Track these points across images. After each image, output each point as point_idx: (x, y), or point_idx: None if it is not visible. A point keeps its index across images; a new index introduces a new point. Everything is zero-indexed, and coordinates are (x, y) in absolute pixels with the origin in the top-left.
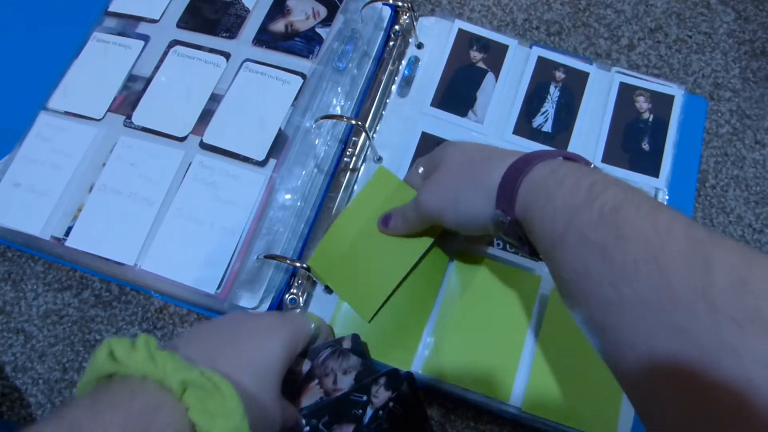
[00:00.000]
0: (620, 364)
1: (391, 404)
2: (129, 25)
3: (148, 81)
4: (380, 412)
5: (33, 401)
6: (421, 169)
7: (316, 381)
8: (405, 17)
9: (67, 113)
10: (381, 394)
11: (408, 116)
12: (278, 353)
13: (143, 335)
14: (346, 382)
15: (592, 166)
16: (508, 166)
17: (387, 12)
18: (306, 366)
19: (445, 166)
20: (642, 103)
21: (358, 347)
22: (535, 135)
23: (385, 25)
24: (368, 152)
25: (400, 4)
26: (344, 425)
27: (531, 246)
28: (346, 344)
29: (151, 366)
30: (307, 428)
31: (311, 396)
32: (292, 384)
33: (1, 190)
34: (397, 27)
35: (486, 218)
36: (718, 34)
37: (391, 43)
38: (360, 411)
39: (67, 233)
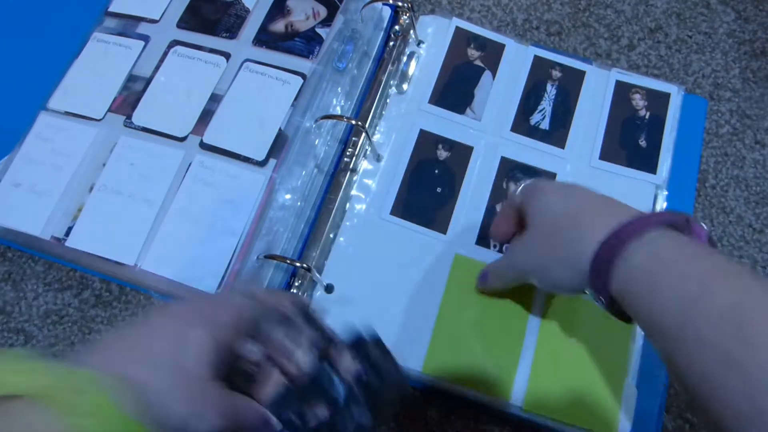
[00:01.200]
0: None
1: (364, 377)
2: (129, 25)
3: (149, 81)
4: (354, 387)
5: None
6: (509, 215)
7: (273, 366)
8: (405, 17)
9: (67, 113)
10: (350, 366)
11: (406, 113)
12: (201, 340)
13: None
14: (309, 360)
15: (701, 227)
16: (599, 241)
17: (387, 12)
18: (257, 350)
19: (533, 228)
20: (638, 101)
21: (308, 316)
22: (533, 132)
23: (385, 25)
24: (368, 152)
25: (400, 4)
26: (318, 409)
27: (629, 317)
28: (298, 319)
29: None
30: (280, 427)
31: (274, 385)
32: (247, 376)
33: (1, 190)
34: (397, 27)
35: (577, 290)
36: (718, 34)
37: (391, 43)
38: (333, 390)
39: (68, 233)
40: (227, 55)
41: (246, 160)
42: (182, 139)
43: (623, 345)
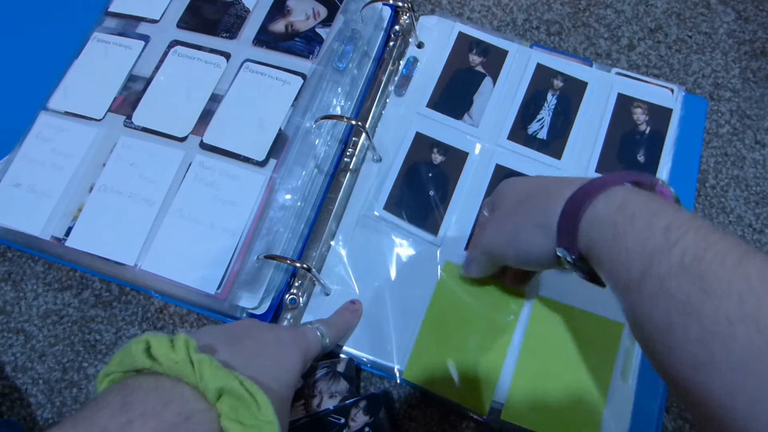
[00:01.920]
0: (713, 421)
1: (367, 429)
2: (129, 25)
3: (149, 81)
4: None
5: (33, 401)
6: (485, 212)
7: (302, 401)
8: (405, 17)
9: (67, 113)
10: (359, 418)
11: (403, 115)
12: (297, 367)
13: (182, 335)
14: (329, 406)
15: (668, 188)
16: (566, 198)
17: (387, 12)
18: (301, 382)
19: (502, 205)
20: (639, 115)
21: (350, 372)
22: (530, 141)
23: (385, 25)
24: (368, 152)
25: (400, 4)
26: None
27: (598, 278)
28: (341, 368)
29: (188, 368)
30: None
31: (293, 414)
32: None
33: (1, 190)
34: (397, 27)
35: (549, 255)
36: (718, 34)
37: (391, 43)
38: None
39: (68, 233)
40: (227, 55)
41: (246, 160)
42: (182, 140)
43: (610, 353)
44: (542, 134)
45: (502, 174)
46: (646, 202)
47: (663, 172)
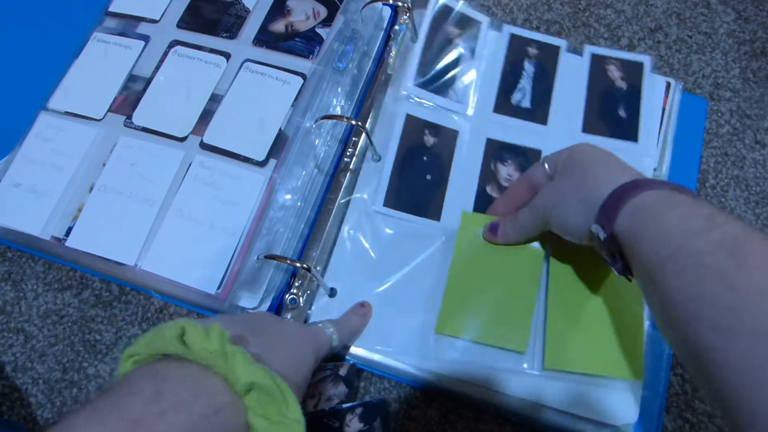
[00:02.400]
0: (725, 384)
1: None
2: (129, 25)
3: (149, 81)
4: None
5: (33, 401)
6: (546, 166)
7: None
8: (405, 17)
9: (67, 113)
10: (353, 425)
11: (392, 99)
12: (311, 365)
13: (216, 325)
14: (325, 407)
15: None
16: (619, 184)
17: (387, 12)
18: None
19: (562, 174)
20: (614, 72)
21: (351, 377)
22: (516, 112)
23: (385, 25)
24: (368, 152)
25: (400, 4)
26: None
27: (624, 264)
28: (342, 371)
29: (221, 359)
30: None
31: None
32: None
33: (1, 190)
34: (397, 27)
35: (584, 229)
36: (718, 34)
37: (391, 43)
38: None
39: (68, 233)
40: (227, 55)
41: (246, 160)
42: (182, 140)
43: (639, 297)
44: (525, 103)
45: (493, 147)
46: (690, 199)
47: (644, 127)
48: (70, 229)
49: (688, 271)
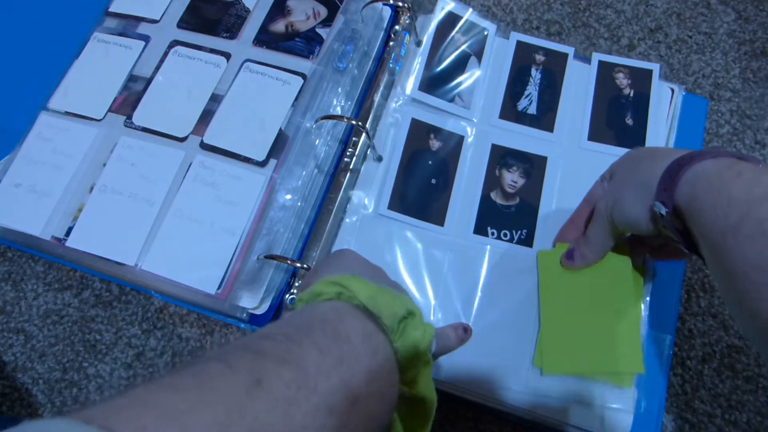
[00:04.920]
0: None
1: None
2: (129, 25)
3: (149, 81)
4: None
5: (33, 401)
6: (604, 182)
7: None
8: (405, 17)
9: (67, 113)
10: None
11: (398, 103)
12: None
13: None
14: None
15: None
16: (674, 159)
17: (387, 12)
18: None
19: (618, 172)
20: (622, 80)
21: None
22: (522, 118)
23: (385, 25)
24: (368, 152)
25: (400, 4)
26: None
27: (689, 239)
28: None
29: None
30: None
31: None
32: None
33: (1, 190)
34: (397, 27)
35: (646, 213)
36: (718, 34)
37: (391, 43)
38: None
39: (68, 233)
40: (227, 56)
41: (246, 160)
42: (182, 140)
43: (636, 296)
44: (532, 109)
45: (498, 153)
46: (753, 166)
47: (651, 136)
48: (70, 229)
49: (755, 240)
